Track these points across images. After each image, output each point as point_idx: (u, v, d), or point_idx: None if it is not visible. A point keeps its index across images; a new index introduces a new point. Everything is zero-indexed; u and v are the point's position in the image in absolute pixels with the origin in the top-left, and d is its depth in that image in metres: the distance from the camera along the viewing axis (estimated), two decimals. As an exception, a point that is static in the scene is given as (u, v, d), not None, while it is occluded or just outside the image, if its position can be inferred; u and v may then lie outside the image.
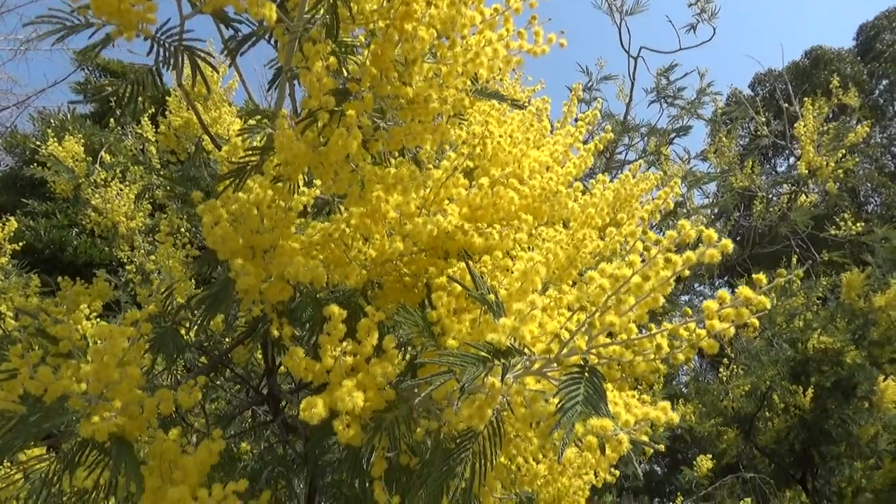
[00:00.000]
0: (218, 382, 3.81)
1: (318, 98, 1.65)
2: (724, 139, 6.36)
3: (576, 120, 3.18)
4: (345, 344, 1.71)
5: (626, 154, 6.20)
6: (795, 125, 5.97)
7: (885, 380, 7.61)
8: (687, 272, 1.45)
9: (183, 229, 4.25)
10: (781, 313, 7.69)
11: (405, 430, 1.79)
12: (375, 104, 1.78)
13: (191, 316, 2.07)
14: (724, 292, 1.30)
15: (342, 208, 2.00)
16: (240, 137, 2.01)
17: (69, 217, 9.96)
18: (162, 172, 4.01)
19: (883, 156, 22.47)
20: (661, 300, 1.37)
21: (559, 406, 1.27)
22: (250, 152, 1.88)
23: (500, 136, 1.93)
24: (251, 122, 2.07)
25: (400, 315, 1.79)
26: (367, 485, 1.96)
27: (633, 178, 3.09)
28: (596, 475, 3.03)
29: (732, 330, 1.36)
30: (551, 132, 2.47)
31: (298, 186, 1.95)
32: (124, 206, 4.86)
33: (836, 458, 8.16)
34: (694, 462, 7.27)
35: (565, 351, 1.44)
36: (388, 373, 1.77)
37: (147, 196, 4.93)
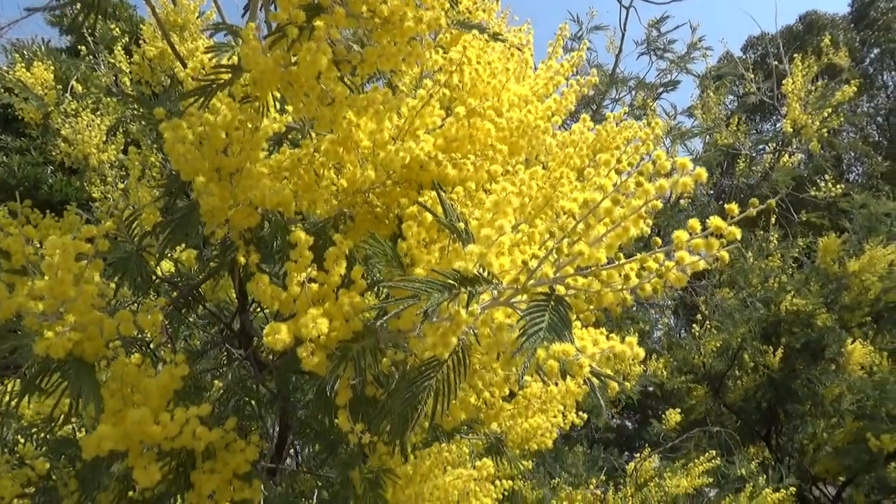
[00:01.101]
0: (191, 319, 3.78)
1: (288, 11, 1.56)
2: (711, 94, 6.30)
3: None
4: (310, 270, 1.67)
5: (614, 108, 6.11)
6: (783, 82, 5.92)
7: (852, 343, 7.79)
8: (659, 203, 1.42)
9: (157, 164, 4.14)
10: (757, 273, 7.78)
11: (371, 361, 1.78)
12: (349, 23, 1.70)
13: (155, 242, 2.02)
14: (694, 221, 1.27)
15: (314, 135, 1.94)
16: (207, 55, 1.92)
17: (44, 154, 9.70)
18: (135, 99, 3.88)
19: (868, 125, 22.55)
20: (633, 231, 1.35)
21: (521, 331, 1.26)
22: (218, 70, 1.79)
23: (478, 64, 1.86)
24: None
25: (368, 244, 1.75)
26: (332, 416, 1.95)
27: (617, 125, 3.04)
28: (564, 417, 3.09)
29: (702, 263, 1.35)
30: (535, 69, 2.40)
31: (268, 108, 1.88)
32: (96, 137, 4.70)
33: (801, 417, 8.41)
34: (663, 416, 7.45)
35: (533, 280, 1.42)
36: (355, 303, 1.74)
37: (120, 130, 4.78)
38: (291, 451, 4.67)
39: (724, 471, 6.80)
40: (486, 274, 1.47)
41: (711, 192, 7.73)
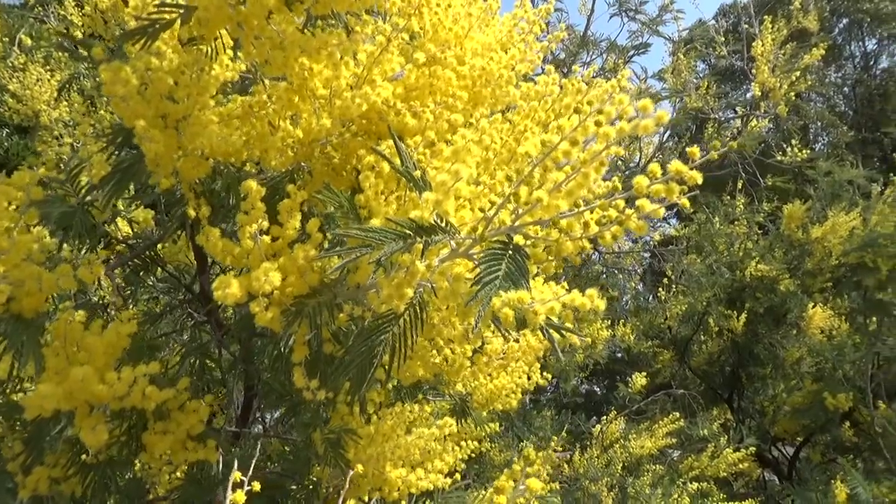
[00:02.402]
0: (150, 283, 3.67)
1: (233, -57, 1.46)
2: (681, 58, 6.27)
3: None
4: (262, 222, 1.60)
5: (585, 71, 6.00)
6: (753, 45, 5.92)
7: (813, 307, 7.98)
8: (622, 150, 1.37)
9: (110, 121, 3.96)
10: (723, 239, 7.89)
11: (328, 317, 1.72)
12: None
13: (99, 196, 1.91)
14: (655, 165, 1.23)
15: (267, 82, 1.84)
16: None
17: (-1, 115, 9.28)
18: (84, 48, 3.68)
19: (836, 94, 22.84)
20: (593, 178, 1.30)
21: (477, 279, 1.21)
22: (162, 8, 1.68)
23: (439, 7, 1.77)
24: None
25: (323, 196, 1.68)
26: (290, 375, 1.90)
27: (586, 84, 2.98)
28: (529, 378, 3.09)
29: (662, 211, 1.31)
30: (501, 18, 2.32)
31: (217, 52, 1.77)
32: (46, 93, 4.48)
33: (762, 380, 8.65)
34: (629, 380, 7.59)
35: (491, 229, 1.37)
36: (310, 256, 1.68)
37: (74, 87, 4.56)
38: (260, 416, 4.64)
39: (688, 432, 6.99)
40: (443, 223, 1.42)
41: (680, 151, 7.76)
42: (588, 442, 6.81)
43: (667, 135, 6.35)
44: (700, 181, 1.24)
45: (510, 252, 1.31)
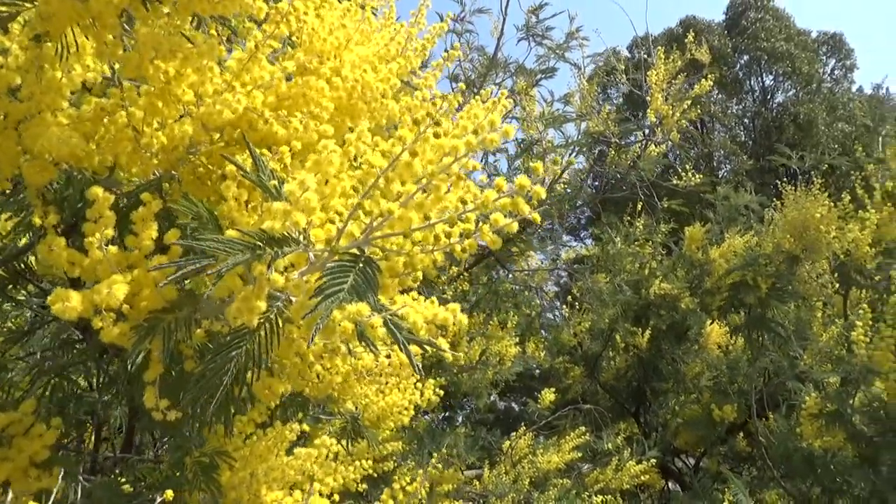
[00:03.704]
0: (21, 298, 3.40)
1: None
2: (584, 83, 6.54)
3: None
4: (108, 231, 1.50)
5: (497, 93, 6.12)
6: (648, 73, 6.26)
7: (711, 324, 8.41)
8: (478, 165, 1.38)
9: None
10: (630, 259, 8.20)
11: (186, 333, 1.64)
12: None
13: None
14: (501, 179, 1.24)
15: (126, 84, 1.74)
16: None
17: None
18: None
19: (737, 126, 24.43)
20: (444, 190, 1.30)
21: (318, 290, 1.18)
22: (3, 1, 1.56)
23: (306, 15, 1.74)
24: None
25: (180, 204, 1.60)
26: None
27: (483, 102, 3.01)
28: (421, 394, 3.06)
29: (515, 225, 1.32)
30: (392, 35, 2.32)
31: (67, 50, 1.66)
32: None
33: (665, 394, 9.00)
34: (538, 395, 7.72)
35: (344, 242, 1.34)
36: (169, 271, 1.59)
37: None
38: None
39: (594, 446, 7.15)
40: (297, 235, 1.37)
41: (587, 174, 8.05)
42: (498, 458, 6.84)
43: (573, 155, 6.58)
44: (544, 195, 1.26)
45: (360, 265, 1.28)
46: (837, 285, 6.53)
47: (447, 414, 9.13)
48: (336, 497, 2.31)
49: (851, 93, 23.14)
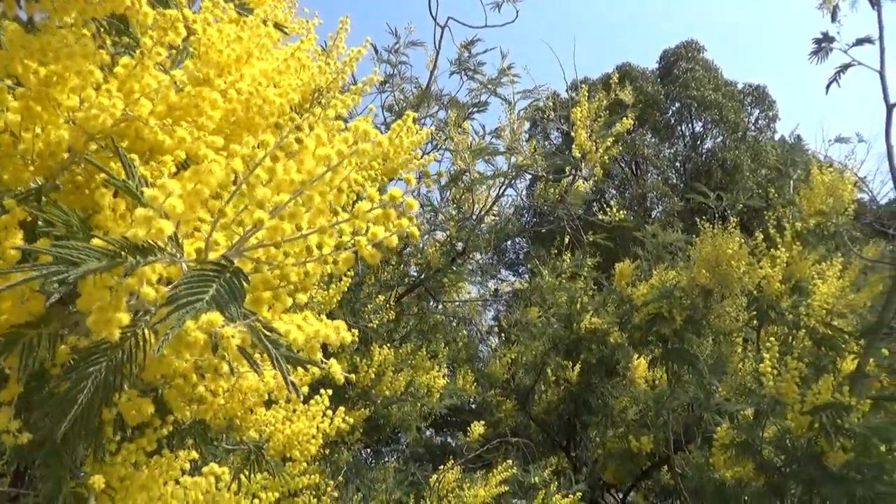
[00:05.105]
0: None
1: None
2: (513, 119, 6.72)
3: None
4: (-38, 238, 1.39)
5: (430, 124, 6.25)
6: (572, 111, 6.50)
7: (638, 358, 8.58)
8: (352, 173, 1.36)
9: None
10: (560, 293, 8.33)
11: (49, 350, 1.53)
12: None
13: None
14: (373, 190, 1.22)
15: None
16: None
17: None
18: None
19: (669, 168, 25.50)
20: (317, 200, 1.27)
21: (171, 299, 1.11)
22: None
23: (195, 23, 1.70)
24: None
25: (49, 212, 1.51)
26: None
27: (406, 127, 3.02)
28: (331, 422, 2.97)
29: (395, 239, 1.30)
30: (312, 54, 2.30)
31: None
32: None
33: (594, 427, 9.08)
34: (468, 429, 7.65)
35: (215, 253, 1.29)
36: (33, 283, 1.49)
37: None
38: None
39: (521, 479, 7.10)
40: (166, 245, 1.31)
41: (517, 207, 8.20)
42: (425, 493, 6.70)
43: (503, 189, 6.71)
44: (416, 207, 1.24)
45: (227, 275, 1.23)
46: (755, 321, 6.81)
47: (377, 447, 8.93)
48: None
49: (774, 141, 24.59)
